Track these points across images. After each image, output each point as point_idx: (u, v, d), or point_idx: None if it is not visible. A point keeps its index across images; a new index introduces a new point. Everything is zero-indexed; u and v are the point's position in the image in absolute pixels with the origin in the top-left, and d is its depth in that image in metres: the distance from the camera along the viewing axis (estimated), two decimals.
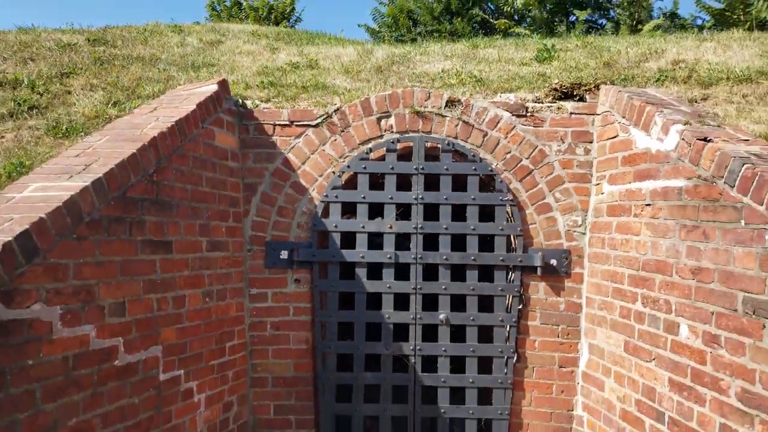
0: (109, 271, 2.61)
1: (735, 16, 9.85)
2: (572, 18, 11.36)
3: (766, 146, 2.81)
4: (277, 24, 16.16)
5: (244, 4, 16.36)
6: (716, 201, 2.67)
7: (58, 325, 2.32)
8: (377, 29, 14.81)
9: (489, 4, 12.22)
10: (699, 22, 11.63)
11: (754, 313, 2.42)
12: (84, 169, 2.64)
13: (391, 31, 13.69)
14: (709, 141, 2.80)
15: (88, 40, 5.11)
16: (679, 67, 4.35)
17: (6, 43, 4.67)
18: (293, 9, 16.90)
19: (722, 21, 10.19)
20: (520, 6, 11.33)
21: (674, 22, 11.63)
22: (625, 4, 11.69)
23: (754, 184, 2.43)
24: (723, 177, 2.62)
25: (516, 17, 11.89)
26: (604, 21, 12.46)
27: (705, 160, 2.75)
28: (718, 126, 3.07)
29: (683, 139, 2.91)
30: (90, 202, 2.49)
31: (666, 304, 2.97)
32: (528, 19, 11.74)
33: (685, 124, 3.01)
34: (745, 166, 2.50)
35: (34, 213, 2.28)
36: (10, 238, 2.12)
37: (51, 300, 2.29)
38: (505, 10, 11.71)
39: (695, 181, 2.81)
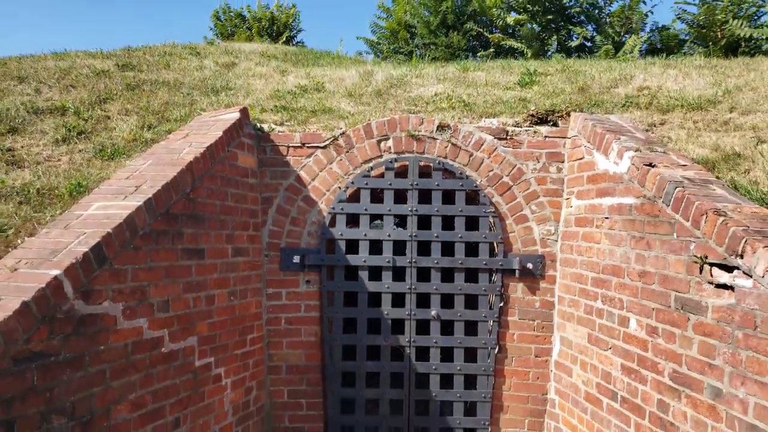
0: (157, 275, 3.15)
1: (713, 33, 10.40)
2: (573, 36, 11.88)
3: (699, 171, 3.36)
4: (279, 34, 16.69)
5: (248, 15, 16.84)
6: (657, 217, 3.22)
7: (121, 318, 2.87)
8: (376, 41, 15.34)
9: (484, 17, 12.75)
10: (684, 35, 12.15)
11: (682, 309, 2.97)
12: (135, 190, 3.18)
13: (390, 43, 14.23)
14: (654, 166, 3.35)
15: (118, 66, 5.66)
16: (643, 94, 4.90)
17: (47, 70, 5.21)
18: (295, 19, 17.36)
19: (701, 37, 10.74)
20: (511, 22, 11.87)
21: (662, 36, 12.14)
22: (616, 20, 12.23)
23: (683, 204, 2.98)
24: (662, 197, 3.17)
25: (509, 30, 12.42)
26: (595, 33, 12.97)
27: (649, 183, 3.30)
28: (664, 152, 3.62)
29: (633, 164, 3.46)
30: (143, 218, 3.03)
31: (619, 301, 3.52)
32: (520, 33, 12.27)
33: (636, 151, 3.56)
34: (677, 189, 3.05)
35: (101, 228, 2.82)
36: (86, 249, 2.67)
37: (115, 298, 2.84)
38: (498, 24, 12.24)
39: (642, 200, 3.36)
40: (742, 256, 2.59)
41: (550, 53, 12.66)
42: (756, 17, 9.67)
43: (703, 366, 2.81)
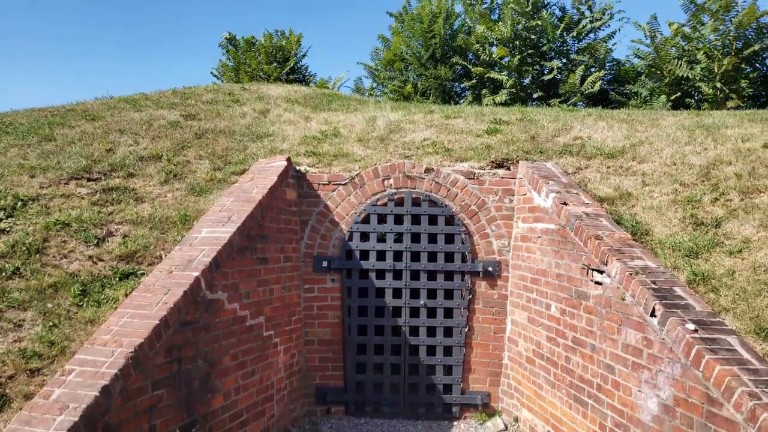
0: (243, 275, 4.77)
1: (659, 72, 12.09)
2: (546, 69, 13.54)
3: (596, 208, 5.03)
4: (286, 60, 18.25)
5: (257, 43, 18.38)
6: (566, 238, 4.88)
7: (226, 302, 4.49)
8: (374, 67, 16.98)
9: (468, 53, 14.41)
10: (640, 69, 13.82)
11: (578, 297, 4.63)
12: (228, 221, 4.81)
13: (387, 71, 15.87)
14: (566, 204, 5.01)
15: (183, 116, 7.27)
16: (576, 143, 6.56)
17: (135, 122, 6.82)
18: (299, 46, 18.87)
19: (650, 75, 12.44)
20: (495, 57, 13.53)
21: (620, 71, 13.82)
22: (583, 55, 13.89)
23: (579, 231, 4.64)
24: (568, 226, 4.83)
25: (491, 63, 14.09)
26: (565, 65, 14.61)
27: (562, 216, 4.96)
28: (576, 194, 5.28)
29: (554, 202, 5.12)
30: (237, 239, 4.65)
31: (545, 294, 5.18)
32: (500, 66, 13.94)
33: (557, 193, 5.22)
34: (577, 221, 4.71)
35: (214, 246, 4.45)
36: (209, 259, 4.29)
37: (223, 290, 4.46)
38: (481, 58, 13.90)
39: (558, 226, 5.02)
40: (606, 264, 4.26)
41: (525, 82, 14.35)
42: (695, 61, 11.31)
43: (587, 332, 4.47)
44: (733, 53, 10.69)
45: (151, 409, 3.62)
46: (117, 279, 4.31)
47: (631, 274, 4.01)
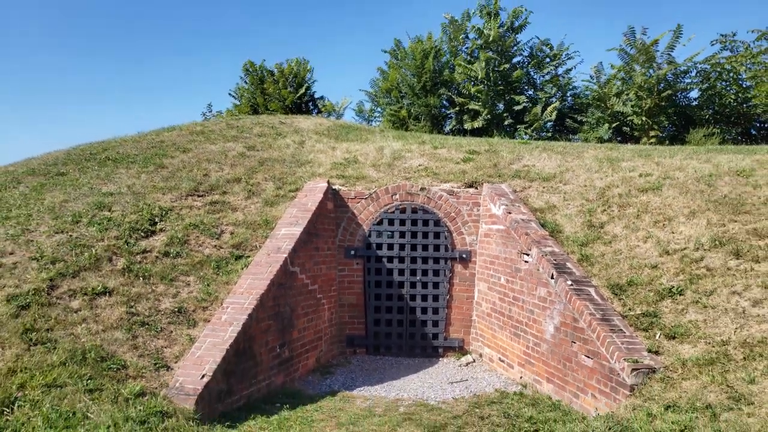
0: (306, 258, 7.34)
1: (603, 105, 14.78)
2: (513, 103, 16.21)
3: (529, 215, 7.65)
4: (300, 86, 20.78)
5: (276, 71, 20.90)
6: (509, 235, 7.50)
7: (298, 274, 7.06)
8: (374, 93, 19.58)
9: (452, 86, 17.06)
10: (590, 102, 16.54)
11: (515, 270, 7.26)
12: (296, 223, 7.37)
13: (385, 98, 18.47)
14: (510, 213, 7.64)
15: (246, 148, 9.82)
16: (524, 170, 9.19)
17: (214, 153, 9.36)
18: (311, 73, 21.38)
19: (596, 107, 15.15)
20: (474, 92, 16.18)
21: (575, 102, 16.56)
22: (547, 86, 16.58)
23: (516, 230, 7.27)
24: (511, 227, 7.45)
25: (471, 95, 16.73)
26: (533, 95, 17.27)
27: (507, 221, 7.58)
28: (518, 207, 7.90)
29: (503, 211, 7.74)
30: (303, 234, 7.22)
31: (498, 270, 7.79)
32: (477, 98, 16.59)
33: (505, 206, 7.84)
34: (515, 224, 7.34)
35: (291, 239, 7.01)
36: (291, 246, 6.86)
37: (297, 266, 7.02)
38: (462, 91, 16.55)
39: (505, 227, 7.64)
40: (530, 250, 6.89)
41: (499, 109, 17.01)
42: (629, 98, 14.01)
43: (520, 291, 7.10)
44: (655, 94, 13.42)
45: (266, 331, 6.20)
46: (233, 259, 6.87)
47: (542, 255, 6.63)
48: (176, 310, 5.93)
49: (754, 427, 3.81)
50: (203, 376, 5.08)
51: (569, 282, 6.14)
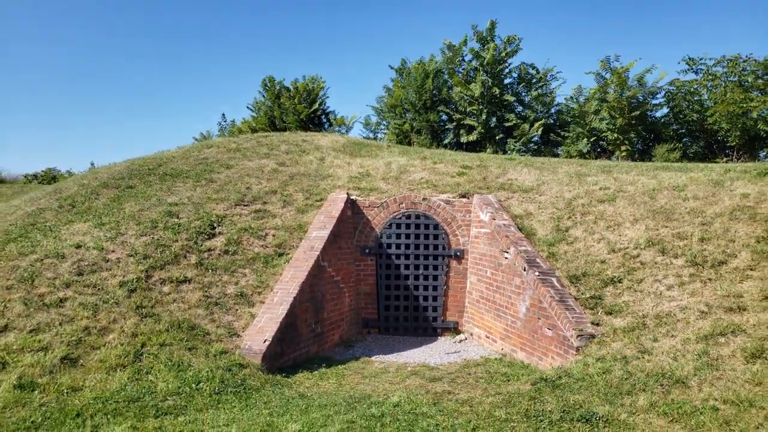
0: (333, 255, 9.07)
1: (582, 121, 16.48)
2: (505, 119, 17.92)
3: (509, 221, 9.38)
4: (314, 102, 22.49)
5: (291, 87, 22.62)
6: (494, 237, 9.23)
7: (327, 267, 8.79)
8: (380, 108, 21.31)
9: (450, 103, 18.78)
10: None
11: (500, 264, 8.99)
12: (324, 227, 9.10)
13: (390, 113, 20.18)
14: (495, 219, 9.36)
15: (277, 164, 11.55)
16: (508, 183, 10.90)
17: (252, 168, 11.09)
18: (323, 89, 23.10)
19: (576, 123, 16.85)
20: (470, 109, 17.90)
21: (558, 118, 18.25)
22: (535, 102, 18.29)
23: (499, 233, 9.00)
24: (494, 230, 9.18)
25: (467, 112, 18.45)
26: (522, 111, 18.98)
27: (493, 225, 9.31)
28: (501, 214, 9.62)
29: (489, 217, 9.46)
30: (330, 236, 8.95)
31: (485, 265, 9.51)
32: (472, 114, 18.31)
33: (491, 213, 9.56)
34: (498, 228, 9.07)
35: (320, 240, 8.75)
36: (321, 245, 8.59)
37: (326, 261, 8.75)
38: (459, 108, 18.27)
39: (490, 230, 9.36)
40: (509, 249, 8.62)
41: (492, 124, 18.72)
42: (604, 117, 15.71)
43: (502, 281, 8.83)
44: (626, 113, 15.14)
45: (306, 311, 7.93)
46: (277, 256, 8.61)
47: (518, 253, 8.36)
48: (239, 294, 7.66)
49: (649, 367, 5.53)
50: (265, 341, 6.81)
51: (537, 273, 7.85)
